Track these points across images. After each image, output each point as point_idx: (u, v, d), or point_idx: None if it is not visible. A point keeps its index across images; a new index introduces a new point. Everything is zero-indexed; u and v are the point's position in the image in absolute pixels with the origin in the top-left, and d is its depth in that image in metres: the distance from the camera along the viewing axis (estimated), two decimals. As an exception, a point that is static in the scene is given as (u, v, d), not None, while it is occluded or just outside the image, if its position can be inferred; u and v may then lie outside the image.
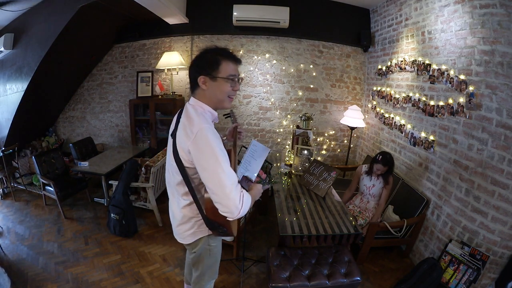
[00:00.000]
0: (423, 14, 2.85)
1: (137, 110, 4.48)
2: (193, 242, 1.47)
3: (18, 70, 3.96)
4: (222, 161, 1.14)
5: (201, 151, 1.15)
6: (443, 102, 2.56)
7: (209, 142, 1.14)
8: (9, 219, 3.32)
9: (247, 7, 3.80)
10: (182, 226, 1.44)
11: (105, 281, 2.38)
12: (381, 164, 2.70)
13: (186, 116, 1.25)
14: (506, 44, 1.93)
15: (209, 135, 1.16)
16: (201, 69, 1.26)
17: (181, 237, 1.49)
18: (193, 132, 1.16)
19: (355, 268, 2.05)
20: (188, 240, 1.46)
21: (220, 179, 1.12)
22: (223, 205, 1.12)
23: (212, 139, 1.15)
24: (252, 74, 4.34)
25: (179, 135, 1.24)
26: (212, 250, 1.54)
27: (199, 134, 1.15)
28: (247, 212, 1.28)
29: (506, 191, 1.95)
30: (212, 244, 1.51)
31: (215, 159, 1.13)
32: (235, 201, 1.11)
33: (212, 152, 1.14)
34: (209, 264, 1.59)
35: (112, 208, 2.98)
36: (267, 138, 4.56)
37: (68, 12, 3.38)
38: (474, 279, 2.12)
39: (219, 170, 1.12)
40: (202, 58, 1.28)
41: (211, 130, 1.19)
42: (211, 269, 1.64)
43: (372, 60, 4.11)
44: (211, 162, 1.13)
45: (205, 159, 1.14)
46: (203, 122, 1.19)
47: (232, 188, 1.12)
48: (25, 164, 4.33)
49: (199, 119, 1.21)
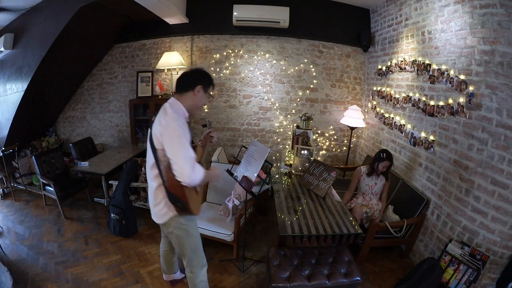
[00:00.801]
0: (423, 14, 2.85)
1: (137, 110, 4.48)
2: (167, 222, 1.73)
3: (18, 70, 3.96)
4: (182, 141, 1.50)
5: (168, 132, 1.50)
6: (443, 102, 2.56)
7: (175, 126, 1.50)
8: (9, 219, 3.32)
9: (247, 7, 3.80)
10: (157, 207, 1.72)
11: (105, 281, 2.38)
12: (387, 161, 2.77)
13: (163, 111, 1.59)
14: (506, 44, 1.93)
15: (176, 122, 1.52)
16: (202, 81, 1.65)
17: (157, 217, 1.76)
18: (166, 120, 1.52)
19: (355, 268, 2.05)
20: (162, 219, 1.73)
21: (179, 152, 1.48)
22: (179, 172, 1.46)
23: (177, 125, 1.51)
24: (252, 74, 4.34)
25: (155, 124, 1.57)
26: (188, 230, 1.77)
27: (170, 121, 1.52)
28: (248, 212, 1.44)
29: (506, 191, 1.95)
30: (183, 223, 1.74)
31: (178, 138, 1.49)
32: (188, 170, 1.45)
33: (176, 134, 1.50)
34: (191, 247, 1.82)
35: (112, 208, 2.98)
36: (267, 138, 4.56)
37: (68, 12, 3.38)
38: (474, 279, 2.12)
39: (178, 146, 1.48)
40: (205, 75, 1.69)
41: (179, 120, 1.54)
42: (195, 254, 1.85)
43: (372, 60, 4.11)
44: (174, 140, 1.49)
45: (170, 138, 1.50)
46: (174, 114, 1.55)
47: (186, 160, 1.47)
48: (25, 164, 4.33)
49: (172, 112, 1.56)
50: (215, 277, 2.49)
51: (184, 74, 1.70)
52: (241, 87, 4.39)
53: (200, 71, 1.70)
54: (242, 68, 4.33)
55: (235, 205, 2.75)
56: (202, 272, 1.91)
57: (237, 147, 4.56)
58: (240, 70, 4.34)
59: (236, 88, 4.40)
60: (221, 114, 4.51)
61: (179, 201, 1.57)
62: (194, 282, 1.92)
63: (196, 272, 1.88)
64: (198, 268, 1.88)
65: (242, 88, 4.39)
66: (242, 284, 2.43)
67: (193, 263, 1.86)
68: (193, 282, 1.92)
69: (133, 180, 3.18)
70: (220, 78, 4.39)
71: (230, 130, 4.56)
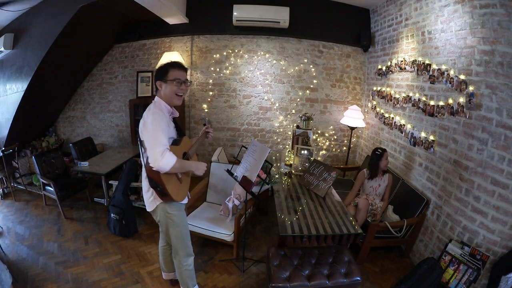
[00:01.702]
0: (423, 14, 2.85)
1: (137, 110, 4.48)
2: (154, 209, 1.87)
3: (18, 70, 3.96)
4: (155, 129, 1.63)
5: (146, 124, 1.65)
6: (443, 102, 2.56)
7: (153, 119, 1.65)
8: (9, 219, 3.32)
9: (247, 7, 3.80)
10: (146, 194, 1.87)
11: (105, 281, 2.38)
12: (385, 153, 2.85)
13: (148, 108, 1.74)
14: (506, 44, 1.93)
15: (153, 115, 1.66)
16: (158, 76, 1.76)
17: (147, 205, 1.89)
18: (146, 114, 1.69)
19: (355, 268, 2.05)
20: (151, 206, 1.87)
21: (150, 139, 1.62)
22: (150, 157, 1.58)
23: (155, 118, 1.65)
24: (252, 74, 4.34)
25: (142, 119, 1.72)
26: (173, 219, 1.87)
27: (148, 114, 1.68)
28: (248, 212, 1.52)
29: (506, 191, 1.95)
30: (169, 212, 1.85)
31: (153, 129, 1.63)
32: (156, 155, 1.57)
33: (152, 125, 1.63)
34: (177, 235, 1.92)
35: (112, 208, 2.98)
36: (267, 138, 4.56)
37: (68, 12, 3.38)
38: (474, 279, 2.12)
39: (150, 134, 1.62)
40: (158, 69, 1.79)
41: (157, 113, 1.68)
42: (181, 242, 1.95)
43: (372, 60, 4.11)
44: (147, 129, 1.64)
45: (146, 129, 1.64)
46: (154, 109, 1.70)
47: (155, 146, 1.59)
48: (25, 164, 4.33)
49: (153, 107, 1.72)
50: (215, 277, 2.49)
51: None
52: (241, 87, 4.39)
53: (156, 69, 1.82)
54: (242, 68, 4.33)
55: (235, 205, 2.75)
56: (188, 261, 2.01)
57: (237, 147, 4.56)
58: (240, 70, 4.34)
59: (236, 88, 4.40)
60: (221, 114, 4.51)
61: (157, 185, 1.68)
62: (180, 270, 2.03)
63: (181, 260, 1.99)
64: (183, 256, 1.98)
65: (242, 88, 4.39)
66: (242, 284, 2.43)
67: (179, 251, 1.97)
68: (179, 269, 2.03)
69: (133, 180, 3.18)
70: (220, 78, 4.39)
71: (230, 130, 4.56)
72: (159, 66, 1.81)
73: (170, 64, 1.78)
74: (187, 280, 2.05)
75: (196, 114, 4.56)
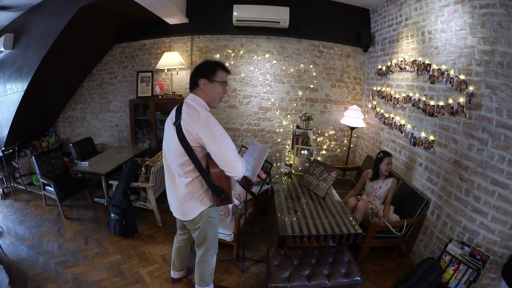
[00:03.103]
0: (423, 14, 2.85)
1: (137, 110, 4.48)
2: (197, 217, 1.75)
3: (18, 70, 3.96)
4: (226, 136, 1.54)
5: (210, 130, 1.51)
6: (443, 102, 2.56)
7: (215, 123, 1.53)
8: (9, 219, 3.32)
9: (247, 7, 3.80)
10: (187, 203, 1.72)
11: (105, 281, 2.38)
12: (387, 157, 2.86)
13: (189, 107, 1.58)
14: (506, 44, 1.93)
15: (213, 119, 1.54)
16: (204, 74, 1.62)
17: (184, 214, 1.77)
18: (200, 118, 1.51)
19: (355, 268, 2.05)
20: (192, 214, 1.74)
21: (227, 149, 1.52)
22: (230, 167, 1.52)
23: (215, 121, 1.55)
24: (252, 74, 4.34)
25: (185, 122, 1.54)
26: (213, 223, 1.85)
27: (206, 118, 1.51)
28: (248, 212, 1.51)
29: (506, 191, 1.95)
30: (212, 216, 1.81)
31: (221, 134, 1.53)
32: (239, 163, 1.52)
33: (219, 130, 1.53)
34: (212, 238, 1.89)
35: (112, 208, 2.98)
36: (267, 138, 4.56)
37: (68, 12, 3.38)
38: (474, 279, 2.12)
39: (226, 143, 1.52)
40: (204, 66, 1.66)
41: (211, 116, 1.56)
42: (213, 243, 1.93)
43: (372, 60, 4.11)
44: (219, 137, 1.52)
45: (213, 136, 1.51)
46: (205, 110, 1.57)
47: (235, 154, 1.53)
48: (25, 164, 4.33)
49: (201, 108, 1.57)
50: (215, 277, 2.48)
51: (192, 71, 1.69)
52: (241, 87, 4.39)
53: (201, 64, 1.67)
54: (242, 68, 4.33)
55: (235, 205, 2.75)
56: (214, 259, 2.02)
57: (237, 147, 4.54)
58: (240, 70, 4.34)
59: (236, 88, 4.40)
60: (221, 114, 4.51)
61: (223, 192, 1.65)
62: (205, 269, 2.00)
63: (210, 260, 1.97)
64: (212, 255, 1.98)
65: (242, 88, 4.39)
66: (242, 284, 2.43)
67: (210, 252, 1.95)
68: (205, 269, 2.00)
69: (133, 180, 3.18)
70: (220, 78, 4.39)
71: (230, 130, 4.56)
72: (205, 63, 1.67)
73: (218, 64, 1.68)
74: (209, 278, 2.05)
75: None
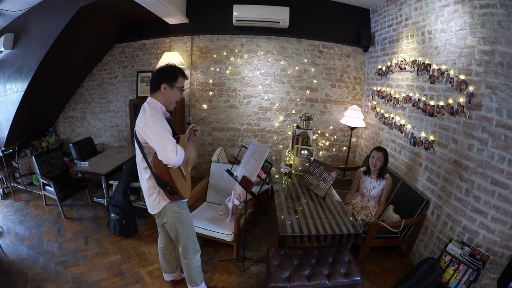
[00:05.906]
0: (423, 14, 2.85)
1: (137, 110, 4.36)
2: (161, 211, 1.86)
3: (18, 70, 3.96)
4: (162, 131, 1.64)
5: (149, 127, 1.65)
6: (443, 102, 2.56)
7: (154, 120, 1.66)
8: (9, 219, 3.32)
9: (247, 7, 3.80)
10: (150, 198, 1.85)
11: (105, 281, 2.38)
12: (375, 151, 2.81)
13: (143, 110, 1.75)
14: (506, 44, 1.93)
15: (154, 117, 1.67)
16: (164, 79, 1.74)
17: (151, 208, 1.88)
18: (145, 117, 1.68)
19: (355, 268, 2.05)
20: (156, 209, 1.86)
21: (161, 141, 1.62)
22: (165, 157, 1.60)
23: (156, 119, 1.67)
24: (252, 74, 4.34)
25: (138, 121, 1.74)
26: (181, 218, 1.90)
27: (149, 116, 1.67)
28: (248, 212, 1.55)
29: (506, 191, 1.95)
30: (177, 211, 1.87)
31: (157, 130, 1.64)
32: (171, 154, 1.60)
33: (155, 126, 1.64)
34: (186, 234, 1.95)
35: (112, 208, 2.98)
36: (267, 138, 4.56)
37: (68, 12, 3.38)
38: (474, 279, 2.12)
39: (159, 135, 1.64)
40: (166, 71, 1.77)
41: (156, 114, 1.69)
42: (190, 240, 1.98)
43: (372, 60, 4.10)
44: (154, 132, 1.64)
45: (151, 131, 1.65)
46: (152, 110, 1.70)
47: (168, 146, 1.61)
48: (25, 164, 4.33)
49: (150, 109, 1.71)
50: (215, 277, 2.49)
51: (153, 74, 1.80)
52: (241, 87, 4.39)
53: (163, 69, 1.77)
54: (242, 68, 4.33)
55: (235, 205, 2.75)
56: (196, 258, 2.05)
57: (237, 147, 4.56)
58: (240, 70, 4.34)
59: (236, 88, 4.40)
60: (221, 114, 4.51)
61: (167, 184, 1.71)
62: (189, 268, 2.05)
63: (191, 258, 2.02)
64: (192, 254, 2.01)
65: (242, 88, 4.40)
66: (242, 284, 2.43)
67: (188, 250, 1.99)
68: (189, 267, 2.05)
69: (133, 180, 3.18)
70: (220, 78, 4.39)
71: (230, 130, 4.56)
72: (168, 69, 1.77)
73: (180, 70, 1.79)
74: (196, 277, 2.09)
75: (196, 114, 4.56)
